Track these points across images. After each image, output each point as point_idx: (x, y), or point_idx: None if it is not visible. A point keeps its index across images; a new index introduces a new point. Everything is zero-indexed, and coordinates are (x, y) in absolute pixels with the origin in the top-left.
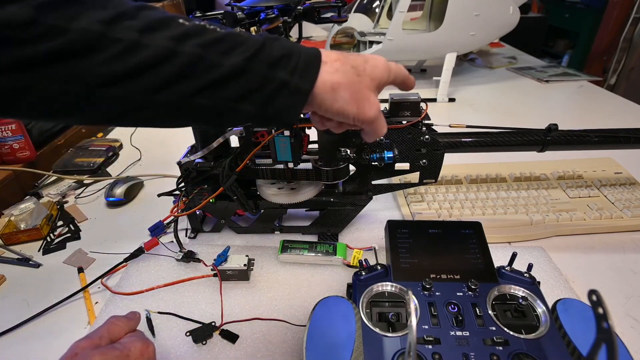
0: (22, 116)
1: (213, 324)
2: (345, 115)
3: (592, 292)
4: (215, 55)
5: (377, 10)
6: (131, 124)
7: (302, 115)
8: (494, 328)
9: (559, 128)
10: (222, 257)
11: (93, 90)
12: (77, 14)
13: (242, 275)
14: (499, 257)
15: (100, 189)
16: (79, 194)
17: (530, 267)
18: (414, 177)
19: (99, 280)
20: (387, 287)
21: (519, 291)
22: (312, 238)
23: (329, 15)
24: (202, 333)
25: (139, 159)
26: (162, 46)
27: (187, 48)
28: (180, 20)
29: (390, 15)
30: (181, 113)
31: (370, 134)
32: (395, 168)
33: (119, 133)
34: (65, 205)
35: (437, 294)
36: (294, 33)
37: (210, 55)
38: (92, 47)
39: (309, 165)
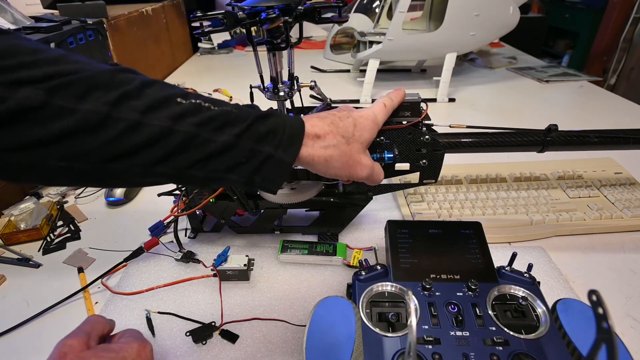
0: (30, 183)
1: (213, 324)
2: (339, 177)
3: (592, 292)
4: (209, 133)
5: (377, 10)
6: (130, 187)
7: None
8: (494, 328)
9: (559, 128)
10: (222, 257)
11: (97, 166)
12: (84, 95)
13: (242, 275)
14: (499, 257)
15: (100, 189)
16: (79, 194)
17: (530, 267)
18: (414, 177)
19: (99, 280)
20: (387, 287)
21: (519, 291)
22: (312, 238)
23: (329, 15)
24: (202, 333)
25: None
26: (161, 126)
27: (183, 127)
28: (178, 99)
29: (390, 15)
30: (175, 181)
31: (366, 183)
32: (396, 168)
33: None
34: (65, 205)
35: (437, 294)
36: (294, 33)
37: (204, 133)
38: (97, 128)
39: None
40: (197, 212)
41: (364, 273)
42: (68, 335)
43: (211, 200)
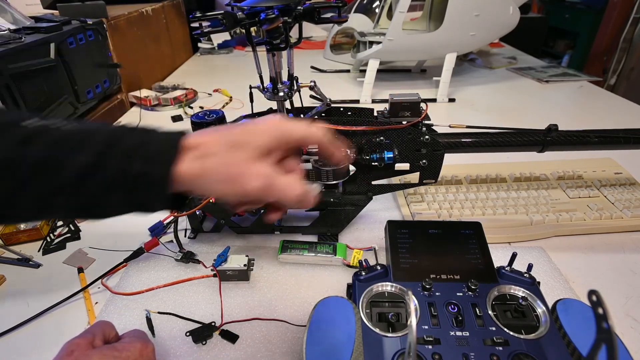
0: None
1: (213, 324)
2: (227, 196)
3: (592, 293)
4: (63, 154)
5: (377, 10)
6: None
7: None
8: (493, 328)
9: (559, 128)
10: (222, 257)
11: None
12: None
13: (242, 275)
14: (499, 257)
15: None
16: None
17: (530, 267)
18: (414, 177)
19: (99, 280)
20: (387, 287)
21: (519, 291)
22: (312, 238)
23: (329, 15)
24: (202, 333)
25: None
26: (5, 155)
27: (31, 152)
28: (23, 124)
29: (390, 16)
30: (45, 212)
31: (277, 205)
32: (395, 168)
33: None
34: None
35: (437, 294)
36: (294, 33)
37: (58, 154)
38: None
39: (309, 166)
40: (197, 213)
41: (364, 273)
42: (77, 335)
43: (211, 200)
